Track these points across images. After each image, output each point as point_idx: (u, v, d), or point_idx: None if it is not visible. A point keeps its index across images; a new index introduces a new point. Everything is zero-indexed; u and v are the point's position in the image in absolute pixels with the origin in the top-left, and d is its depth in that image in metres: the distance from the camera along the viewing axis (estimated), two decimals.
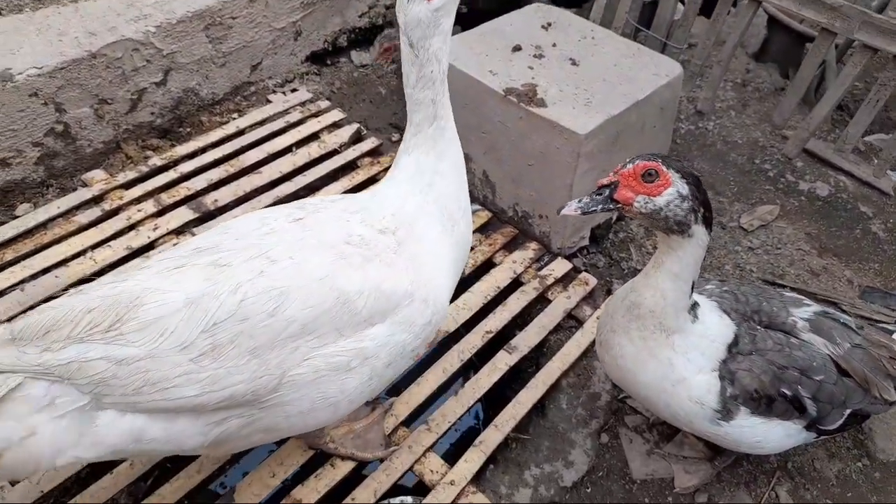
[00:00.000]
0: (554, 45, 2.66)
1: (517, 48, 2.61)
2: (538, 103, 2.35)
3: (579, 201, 1.46)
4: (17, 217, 2.40)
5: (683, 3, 3.32)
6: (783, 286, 2.58)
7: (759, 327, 1.67)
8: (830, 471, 2.04)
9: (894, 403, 1.74)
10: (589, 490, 1.93)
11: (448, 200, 1.58)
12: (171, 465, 1.84)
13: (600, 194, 1.45)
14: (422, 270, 1.52)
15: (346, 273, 1.41)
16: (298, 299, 1.35)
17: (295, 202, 1.63)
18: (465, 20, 3.18)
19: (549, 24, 2.78)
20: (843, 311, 2.47)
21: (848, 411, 1.67)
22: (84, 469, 1.79)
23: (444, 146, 1.55)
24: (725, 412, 1.60)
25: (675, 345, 1.60)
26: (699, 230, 1.45)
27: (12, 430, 1.23)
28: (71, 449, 1.28)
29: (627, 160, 1.44)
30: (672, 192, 1.39)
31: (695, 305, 1.62)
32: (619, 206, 1.44)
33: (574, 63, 2.57)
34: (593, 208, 1.45)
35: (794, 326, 1.70)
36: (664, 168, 1.39)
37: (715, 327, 1.63)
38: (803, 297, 1.83)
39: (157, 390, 1.28)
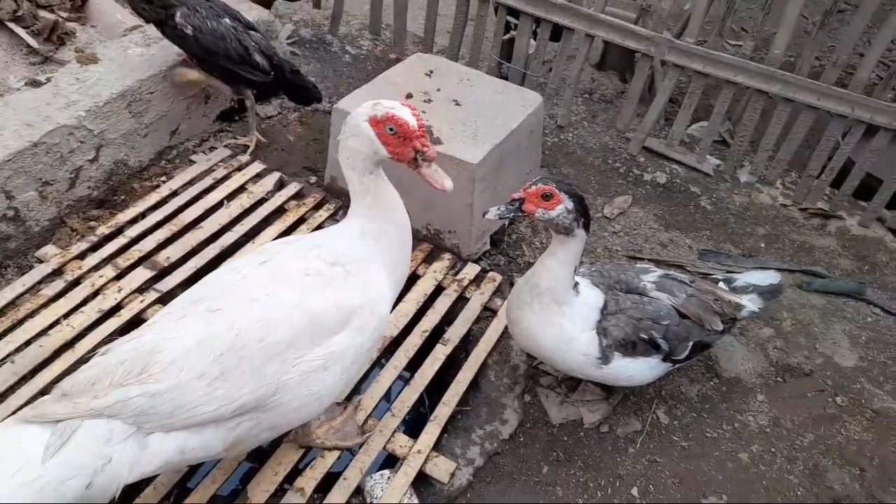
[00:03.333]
0: (438, 89, 3.23)
1: (409, 95, 3.15)
2: (435, 142, 2.89)
3: (498, 209, 2.03)
4: None
5: (535, 38, 3.99)
6: (642, 259, 3.29)
7: (619, 293, 2.31)
8: (692, 391, 2.72)
9: (723, 332, 2.44)
10: (522, 438, 2.50)
11: (392, 254, 2.01)
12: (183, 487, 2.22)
13: (513, 205, 2.03)
14: (368, 291, 1.97)
15: (310, 297, 1.84)
16: (280, 324, 1.77)
17: (257, 249, 2.04)
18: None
19: (431, 72, 3.34)
20: (687, 271, 3.20)
21: (690, 343, 2.33)
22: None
23: (385, 215, 1.95)
24: (604, 358, 2.22)
25: (564, 313, 2.20)
26: (580, 232, 2.06)
27: (95, 461, 1.60)
28: (137, 466, 1.66)
29: (534, 181, 2.01)
30: (561, 208, 1.99)
31: (576, 284, 2.23)
32: (525, 214, 2.02)
33: (457, 104, 3.15)
34: (508, 215, 2.04)
35: (644, 289, 2.35)
36: (557, 191, 1.98)
37: (591, 298, 2.25)
38: (650, 266, 2.49)
39: (185, 411, 1.67)
